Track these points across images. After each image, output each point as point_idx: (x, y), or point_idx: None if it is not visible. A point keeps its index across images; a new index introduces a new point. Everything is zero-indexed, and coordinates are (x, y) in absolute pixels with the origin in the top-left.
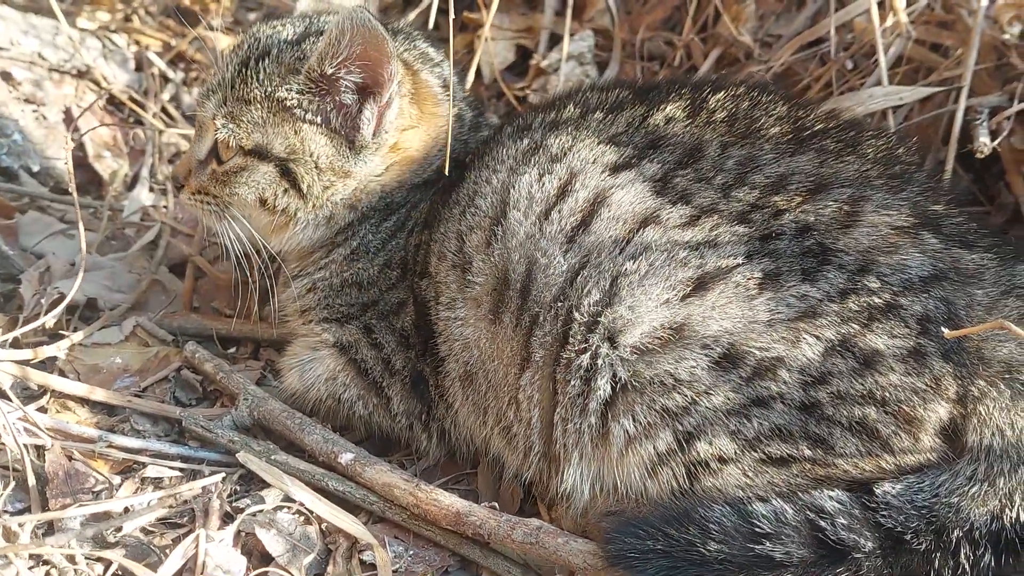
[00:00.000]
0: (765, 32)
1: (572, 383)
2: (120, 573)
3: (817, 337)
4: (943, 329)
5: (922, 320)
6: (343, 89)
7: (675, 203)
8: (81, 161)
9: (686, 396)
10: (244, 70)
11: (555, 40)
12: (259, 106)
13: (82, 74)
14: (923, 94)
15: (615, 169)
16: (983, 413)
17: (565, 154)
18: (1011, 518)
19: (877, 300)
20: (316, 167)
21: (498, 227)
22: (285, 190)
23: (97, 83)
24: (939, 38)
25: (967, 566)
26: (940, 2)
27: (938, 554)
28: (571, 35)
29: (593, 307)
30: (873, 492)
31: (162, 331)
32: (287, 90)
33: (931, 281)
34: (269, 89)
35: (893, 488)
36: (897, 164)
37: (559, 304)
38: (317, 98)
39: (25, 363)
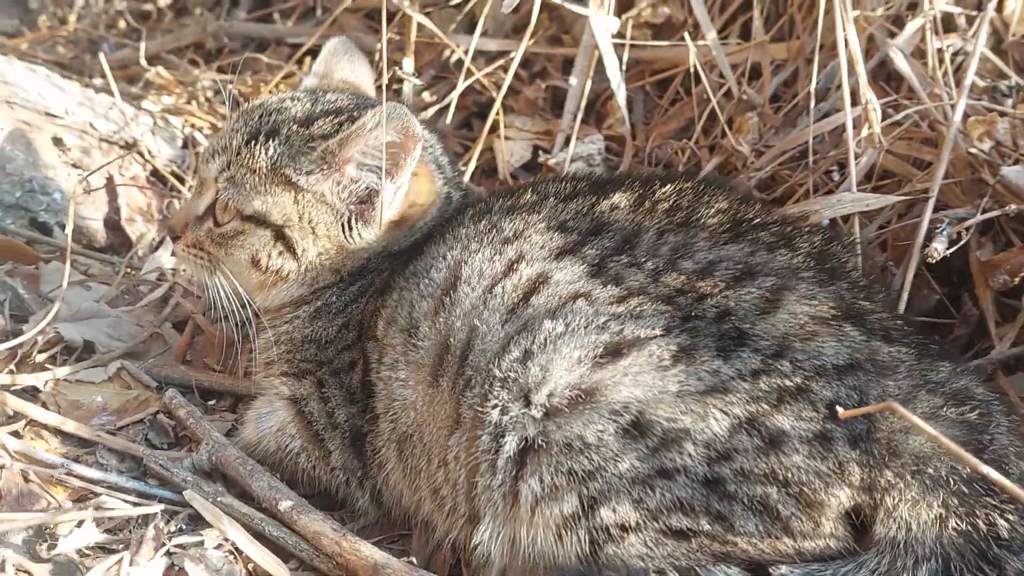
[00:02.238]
0: (763, 143)
1: (483, 438)
2: None
3: (725, 413)
4: (838, 408)
5: (831, 405)
6: (364, 170)
7: (606, 284)
8: (115, 224)
9: (593, 460)
10: (253, 142)
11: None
12: (263, 176)
13: (129, 146)
14: (889, 202)
15: (560, 254)
16: (890, 505)
17: (517, 237)
18: None
19: (788, 383)
20: (313, 234)
21: (447, 297)
22: (280, 252)
23: (142, 155)
24: (920, 153)
25: None
26: (927, 122)
27: None
28: (584, 138)
29: (510, 364)
30: (770, 574)
31: (146, 377)
32: (295, 168)
33: (846, 370)
34: (276, 162)
35: (791, 572)
36: (831, 260)
37: (490, 367)
38: (327, 177)
39: (4, 388)
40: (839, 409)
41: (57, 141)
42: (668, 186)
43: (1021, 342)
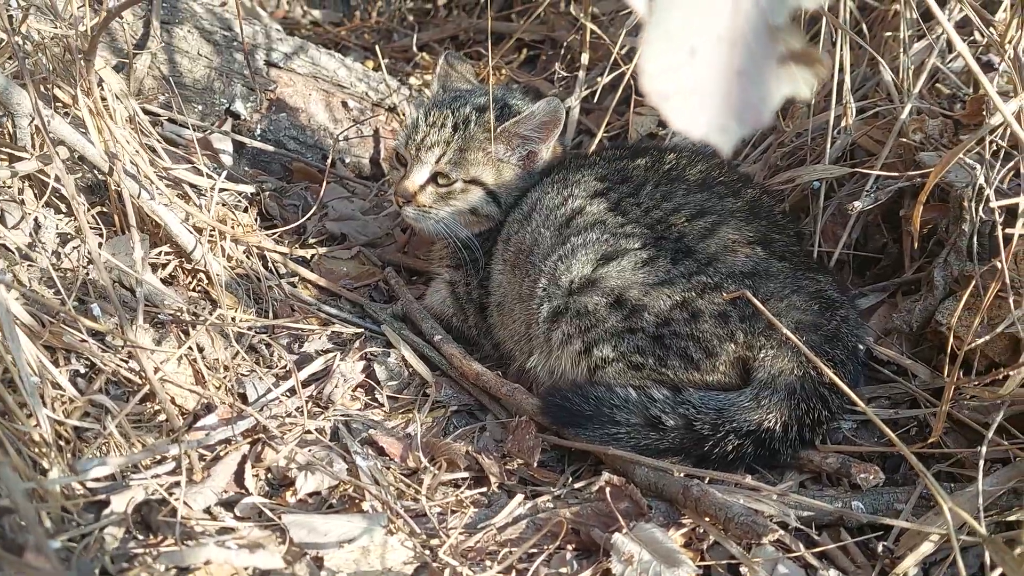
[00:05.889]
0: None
1: (532, 305)
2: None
3: (669, 296)
4: (722, 292)
5: (733, 297)
6: (531, 141)
7: (616, 215)
8: (376, 160)
9: (591, 320)
10: (459, 130)
11: None
12: (475, 154)
13: (391, 109)
14: (844, 172)
15: (595, 195)
16: (760, 357)
17: (574, 183)
18: (765, 427)
19: (710, 280)
20: (507, 188)
21: (526, 220)
22: (488, 202)
23: (399, 115)
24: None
25: (729, 448)
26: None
27: (713, 438)
28: None
29: (552, 262)
30: (682, 392)
31: (375, 258)
32: (494, 146)
33: (748, 275)
34: (482, 143)
35: (696, 393)
36: (760, 206)
37: (541, 264)
38: (511, 148)
39: (285, 255)
40: (723, 293)
41: (344, 104)
42: (672, 155)
43: (920, 271)
